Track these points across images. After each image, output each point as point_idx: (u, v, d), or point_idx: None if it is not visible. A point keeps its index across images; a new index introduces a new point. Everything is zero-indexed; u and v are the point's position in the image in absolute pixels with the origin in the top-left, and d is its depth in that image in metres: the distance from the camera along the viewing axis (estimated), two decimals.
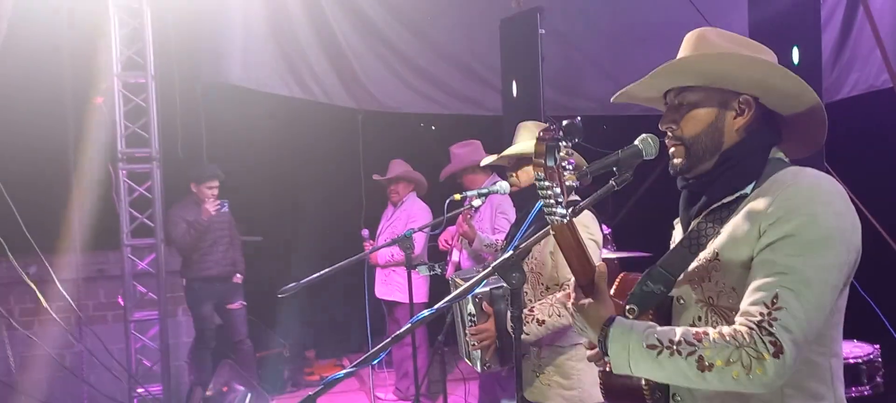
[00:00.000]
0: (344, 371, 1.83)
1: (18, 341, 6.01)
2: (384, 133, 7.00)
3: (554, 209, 1.63)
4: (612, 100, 1.93)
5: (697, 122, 1.73)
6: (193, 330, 6.74)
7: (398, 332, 1.87)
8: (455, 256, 4.42)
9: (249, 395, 5.25)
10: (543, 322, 2.86)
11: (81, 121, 5.96)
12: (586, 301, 1.70)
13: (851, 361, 3.77)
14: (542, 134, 1.59)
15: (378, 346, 1.84)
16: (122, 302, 6.02)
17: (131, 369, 5.94)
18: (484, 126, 6.42)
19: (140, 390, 5.93)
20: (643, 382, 1.76)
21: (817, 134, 1.76)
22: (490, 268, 1.87)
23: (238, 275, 6.32)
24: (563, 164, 1.61)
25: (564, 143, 1.61)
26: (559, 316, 2.86)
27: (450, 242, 4.56)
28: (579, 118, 1.64)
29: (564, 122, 1.62)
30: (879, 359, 3.93)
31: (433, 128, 7.20)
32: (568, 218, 1.65)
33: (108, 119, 5.80)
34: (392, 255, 5.60)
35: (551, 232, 1.69)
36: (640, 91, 1.84)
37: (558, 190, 1.62)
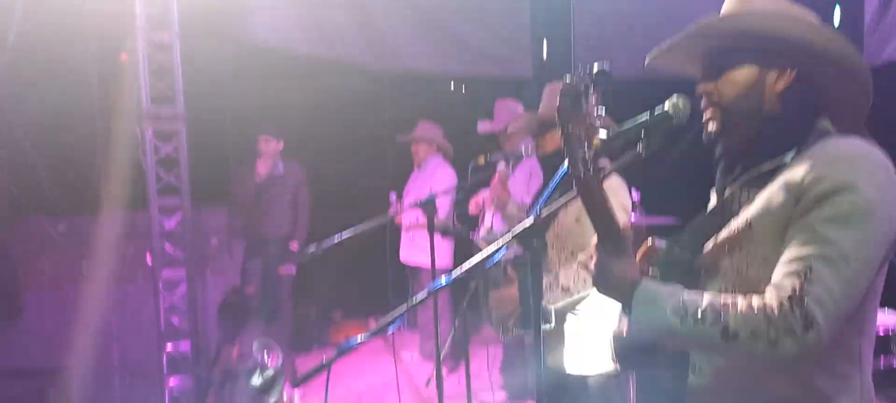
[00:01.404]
0: (359, 337, 1.80)
1: (48, 298, 6.09)
2: (411, 95, 6.92)
3: (578, 163, 1.55)
4: (647, 60, 1.83)
5: (736, 85, 1.64)
6: (222, 290, 6.80)
7: (415, 298, 1.83)
8: (488, 220, 4.35)
9: (274, 356, 5.27)
10: (568, 288, 2.82)
11: (107, 80, 5.96)
12: (610, 261, 1.63)
13: (881, 333, 3.68)
14: (568, 80, 1.51)
15: (395, 312, 1.80)
16: (149, 262, 6.06)
17: (160, 327, 6.00)
18: (512, 89, 6.31)
19: (169, 348, 5.99)
20: (661, 349, 1.69)
21: (861, 101, 1.66)
22: (510, 235, 1.81)
23: (294, 242, 6.36)
24: (593, 113, 1.52)
25: (592, 92, 1.52)
26: (584, 283, 2.80)
27: (481, 205, 4.49)
28: (609, 63, 1.54)
29: (594, 67, 1.53)
30: None
31: (463, 90, 7.09)
32: (593, 173, 1.56)
33: (133, 77, 5.78)
34: (416, 218, 5.55)
35: (575, 188, 1.61)
36: (677, 51, 1.75)
37: (585, 143, 1.53)
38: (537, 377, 1.85)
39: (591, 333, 2.93)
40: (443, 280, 1.79)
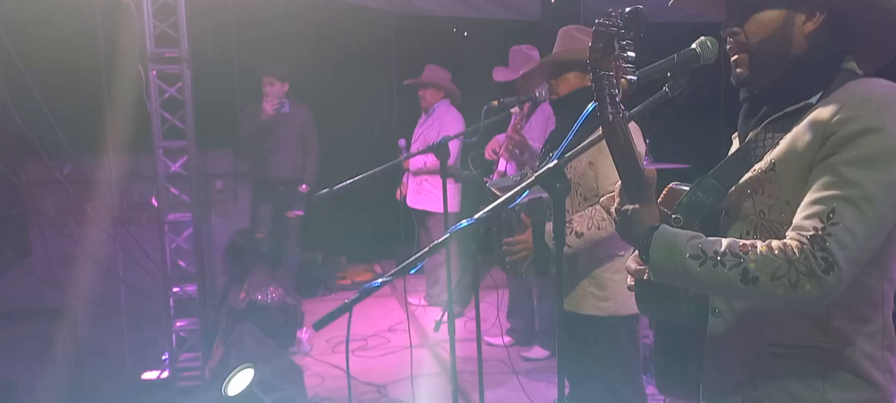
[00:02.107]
0: (380, 279, 1.80)
1: (54, 240, 6.11)
2: (418, 37, 6.84)
3: (607, 105, 1.53)
4: (670, 3, 1.79)
5: (764, 26, 1.59)
6: (227, 233, 6.83)
7: (435, 243, 1.82)
8: (502, 166, 4.33)
9: (282, 301, 5.31)
10: (582, 234, 2.81)
11: (110, 21, 5.88)
12: (631, 206, 1.62)
13: None
14: (600, 20, 1.48)
15: (413, 257, 1.79)
16: (155, 204, 6.06)
17: (166, 269, 6.02)
18: (520, 32, 6.23)
19: (175, 289, 6.02)
20: (681, 293, 1.69)
21: (890, 42, 1.63)
22: (533, 177, 1.80)
23: (303, 185, 6.36)
24: (623, 55, 1.49)
25: (625, 33, 1.49)
26: (598, 228, 2.80)
27: (497, 151, 4.46)
28: (644, 7, 1.51)
29: (627, 9, 1.50)
30: None
31: (465, 33, 6.99)
32: (621, 117, 1.54)
33: (138, 19, 5.70)
34: (424, 163, 5.53)
35: (602, 131, 1.59)
36: None
37: (615, 85, 1.51)
38: (558, 319, 1.85)
39: (602, 276, 2.94)
40: (464, 222, 1.77)
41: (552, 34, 3.16)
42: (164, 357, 6.26)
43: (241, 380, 3.70)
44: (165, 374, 6.10)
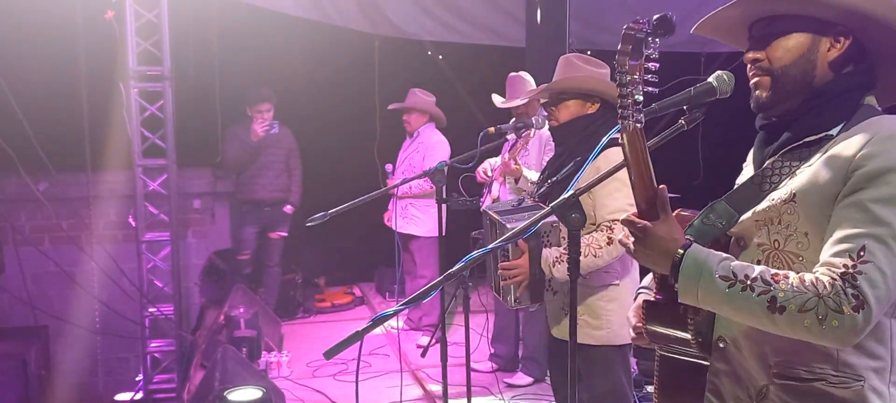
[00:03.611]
0: (393, 308, 1.78)
1: (29, 257, 5.99)
2: (402, 60, 6.84)
3: (629, 111, 1.53)
4: (692, 30, 1.80)
5: (788, 51, 1.60)
6: (205, 253, 6.75)
7: (452, 270, 1.81)
8: (495, 190, 4.33)
9: (253, 320, 5.24)
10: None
11: (93, 37, 5.82)
12: (651, 223, 1.58)
13: None
14: (630, 25, 1.49)
15: (429, 285, 1.78)
16: (133, 223, 5.98)
17: (143, 288, 5.93)
18: (505, 57, 6.27)
19: (151, 309, 5.93)
20: (689, 321, 1.67)
21: None
22: (549, 208, 1.80)
23: (288, 206, 6.34)
24: (648, 65, 1.50)
25: (652, 39, 1.50)
26: (595, 256, 2.81)
27: (488, 174, 4.47)
28: (673, 15, 1.52)
29: (656, 16, 1.50)
30: None
31: (440, 56, 6.99)
32: (643, 124, 1.54)
33: (120, 35, 5.65)
34: (410, 187, 5.53)
35: (622, 138, 1.57)
36: (722, 20, 1.70)
37: (639, 91, 1.51)
38: (571, 351, 1.85)
39: (596, 304, 2.95)
40: (475, 253, 1.76)
41: (537, 60, 3.20)
42: (138, 379, 6.15)
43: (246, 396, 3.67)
44: (139, 395, 5.99)
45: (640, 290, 1.91)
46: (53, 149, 5.43)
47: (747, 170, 1.78)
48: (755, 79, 1.65)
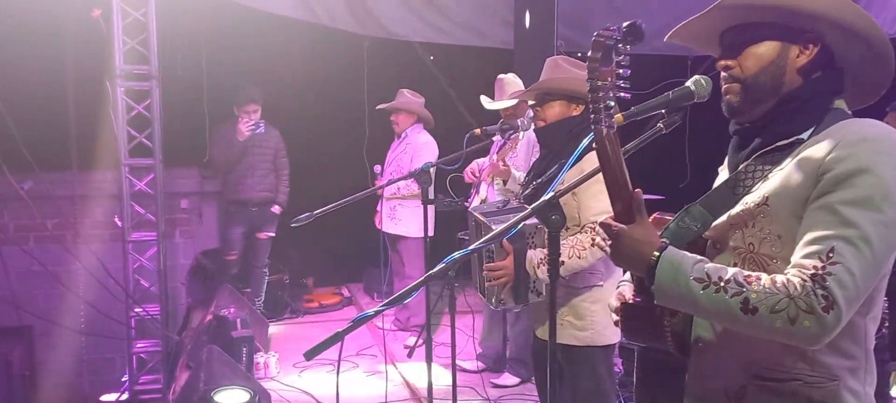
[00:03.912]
0: (375, 309, 1.78)
1: (13, 256, 5.95)
2: (391, 62, 6.84)
3: (602, 116, 1.55)
4: (665, 38, 1.83)
5: (758, 59, 1.64)
6: (192, 253, 6.72)
7: (433, 270, 1.82)
8: (483, 191, 4.33)
9: (246, 320, 5.23)
10: (563, 263, 2.83)
11: (79, 35, 5.79)
12: (627, 226, 1.60)
13: None
14: (600, 33, 1.51)
15: (411, 286, 1.78)
16: (119, 222, 5.94)
17: (129, 289, 5.90)
18: (493, 59, 6.28)
19: (137, 309, 5.90)
20: (666, 321, 1.69)
21: (881, 78, 1.67)
22: (530, 209, 1.81)
23: (276, 206, 6.33)
24: (619, 71, 1.52)
25: (622, 46, 1.52)
26: (578, 257, 2.82)
27: (477, 175, 4.47)
28: (643, 23, 1.54)
29: (625, 23, 1.53)
30: (887, 310, 3.96)
31: (431, 57, 7.01)
32: (615, 129, 1.57)
33: (106, 34, 5.62)
34: (398, 188, 5.53)
35: (594, 144, 1.60)
36: (696, 28, 1.74)
37: (611, 96, 1.53)
38: (550, 351, 1.86)
39: (580, 305, 2.96)
40: (457, 254, 1.76)
41: (525, 62, 3.21)
42: (123, 379, 6.11)
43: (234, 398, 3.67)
44: (124, 396, 5.96)
45: (623, 282, 1.93)
46: (38, 148, 5.39)
47: (722, 174, 1.81)
48: (727, 87, 1.68)
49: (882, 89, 1.71)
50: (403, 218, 5.61)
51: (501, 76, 4.67)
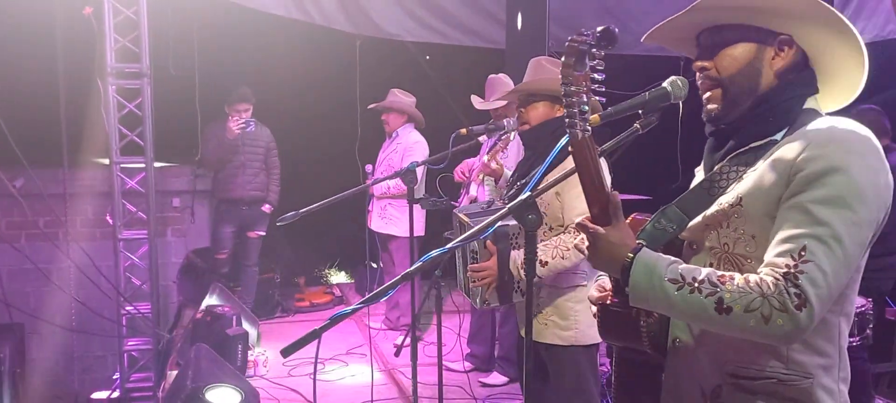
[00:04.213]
0: (351, 306, 1.79)
1: (4, 254, 5.95)
2: (383, 61, 6.85)
3: (576, 120, 1.56)
4: (642, 39, 1.84)
5: (734, 61, 1.65)
6: (183, 251, 6.72)
7: (409, 269, 1.83)
8: (473, 191, 4.34)
9: (239, 318, 5.24)
10: (546, 263, 2.84)
11: (70, 33, 5.79)
12: (604, 228, 1.62)
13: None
14: (573, 37, 1.52)
15: (387, 283, 1.79)
16: (110, 220, 5.95)
17: (120, 287, 5.90)
18: (485, 59, 6.30)
19: (128, 308, 5.90)
20: (642, 322, 1.71)
21: (856, 79, 1.68)
22: (506, 209, 1.82)
23: (267, 205, 6.34)
24: (593, 75, 1.53)
25: (597, 50, 1.53)
26: (562, 258, 2.83)
27: (466, 174, 4.48)
28: (616, 27, 1.55)
29: (599, 28, 1.54)
30: (871, 312, 3.97)
31: (427, 57, 7.03)
32: (590, 132, 1.58)
33: (98, 32, 5.62)
34: (388, 188, 5.53)
35: (570, 147, 1.61)
36: (672, 29, 1.75)
37: (584, 100, 1.54)
38: (527, 349, 1.87)
39: (564, 305, 2.96)
40: (434, 252, 1.77)
41: (517, 62, 3.22)
42: (114, 377, 6.12)
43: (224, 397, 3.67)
44: (115, 394, 5.97)
45: (600, 275, 1.93)
46: (30, 146, 5.40)
47: (699, 175, 1.83)
48: (707, 93, 1.70)
49: (856, 90, 1.72)
50: (394, 217, 5.62)
51: (492, 76, 4.68)
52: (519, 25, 5.70)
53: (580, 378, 3.00)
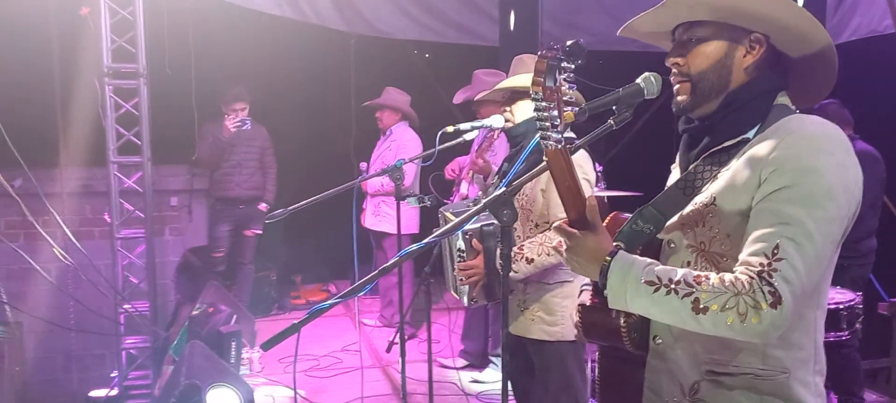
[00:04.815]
0: (329, 300, 1.81)
1: (3, 253, 5.99)
2: (377, 59, 6.88)
3: (549, 133, 1.59)
4: (618, 33, 1.87)
5: (706, 58, 1.68)
6: (181, 249, 6.75)
7: (385, 265, 1.86)
8: (463, 188, 4.37)
9: (235, 316, 5.28)
10: (532, 260, 2.86)
11: (67, 33, 5.81)
12: (581, 233, 1.66)
13: (832, 306, 3.81)
14: (543, 52, 1.54)
15: (365, 278, 1.82)
16: (108, 220, 5.98)
17: (118, 286, 5.93)
18: (479, 57, 6.30)
19: (126, 306, 5.93)
20: (622, 321, 1.74)
21: (826, 79, 1.71)
22: (481, 205, 1.85)
23: (263, 204, 6.37)
24: (564, 88, 1.56)
25: (567, 64, 1.56)
26: (548, 255, 2.86)
27: (457, 172, 4.50)
28: (583, 40, 1.58)
29: (568, 43, 1.57)
30: (860, 306, 3.99)
31: (427, 55, 7.07)
32: (563, 145, 1.60)
33: (94, 32, 5.64)
34: (381, 185, 5.57)
35: (545, 158, 1.64)
36: (647, 24, 1.78)
37: (556, 113, 1.57)
38: (503, 344, 1.90)
39: (551, 301, 2.99)
40: (414, 246, 1.81)
41: (511, 59, 3.24)
42: (112, 375, 6.15)
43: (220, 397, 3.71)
44: (114, 392, 5.99)
45: (585, 287, 1.97)
46: (27, 146, 5.42)
47: (675, 173, 1.85)
48: (677, 86, 1.73)
49: (827, 89, 1.75)
50: (387, 215, 5.65)
51: (478, 70, 4.71)
52: (512, 23, 5.73)
53: (566, 373, 3.03)
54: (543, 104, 1.57)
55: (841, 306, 3.83)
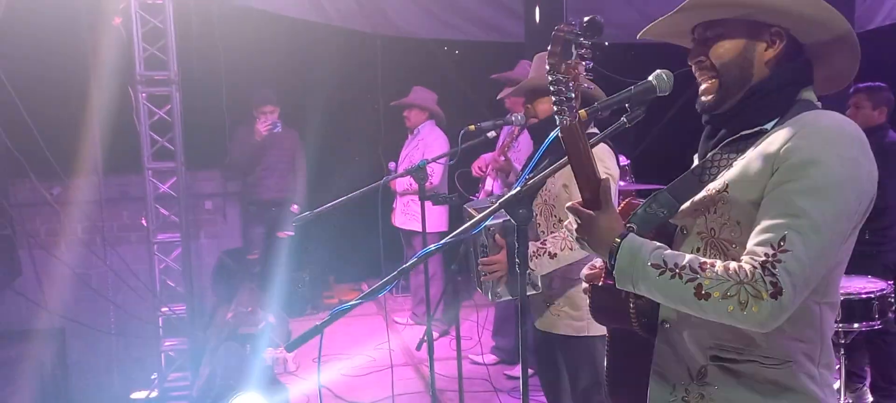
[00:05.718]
0: (351, 302, 1.85)
1: (44, 261, 6.14)
2: (404, 59, 6.92)
3: (564, 107, 1.60)
4: (638, 36, 1.88)
5: (727, 52, 1.69)
6: (216, 253, 6.87)
7: (405, 264, 1.89)
8: (488, 185, 4.40)
9: (269, 317, 5.36)
10: (555, 255, 2.87)
11: (99, 43, 5.94)
12: (594, 212, 1.68)
13: (863, 296, 3.76)
14: (559, 28, 1.55)
15: (387, 278, 1.85)
16: (145, 224, 6.11)
17: (155, 289, 6.06)
18: (505, 53, 6.32)
19: (164, 309, 6.06)
20: (631, 305, 1.76)
21: (848, 66, 1.72)
22: (497, 204, 1.86)
23: (295, 205, 6.46)
24: (581, 66, 1.57)
25: (583, 39, 1.57)
26: (571, 249, 2.86)
27: (483, 169, 4.53)
28: (601, 16, 1.58)
29: (585, 18, 1.57)
30: (893, 295, 3.92)
31: (456, 51, 7.09)
32: (577, 119, 1.62)
33: (127, 41, 5.77)
34: (409, 184, 5.61)
35: (559, 134, 1.65)
36: (666, 27, 1.80)
37: (571, 89, 1.58)
38: (522, 340, 1.92)
39: (576, 296, 2.99)
40: (432, 246, 1.83)
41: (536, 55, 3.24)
42: (153, 377, 6.28)
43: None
44: (154, 394, 6.11)
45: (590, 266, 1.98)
46: (65, 155, 5.57)
47: (695, 162, 1.86)
48: (705, 84, 1.74)
49: (850, 75, 1.75)
50: (417, 213, 5.67)
51: (523, 61, 4.70)
52: (537, 18, 5.72)
53: (595, 367, 3.02)
54: (559, 77, 1.58)
55: (873, 295, 3.77)
